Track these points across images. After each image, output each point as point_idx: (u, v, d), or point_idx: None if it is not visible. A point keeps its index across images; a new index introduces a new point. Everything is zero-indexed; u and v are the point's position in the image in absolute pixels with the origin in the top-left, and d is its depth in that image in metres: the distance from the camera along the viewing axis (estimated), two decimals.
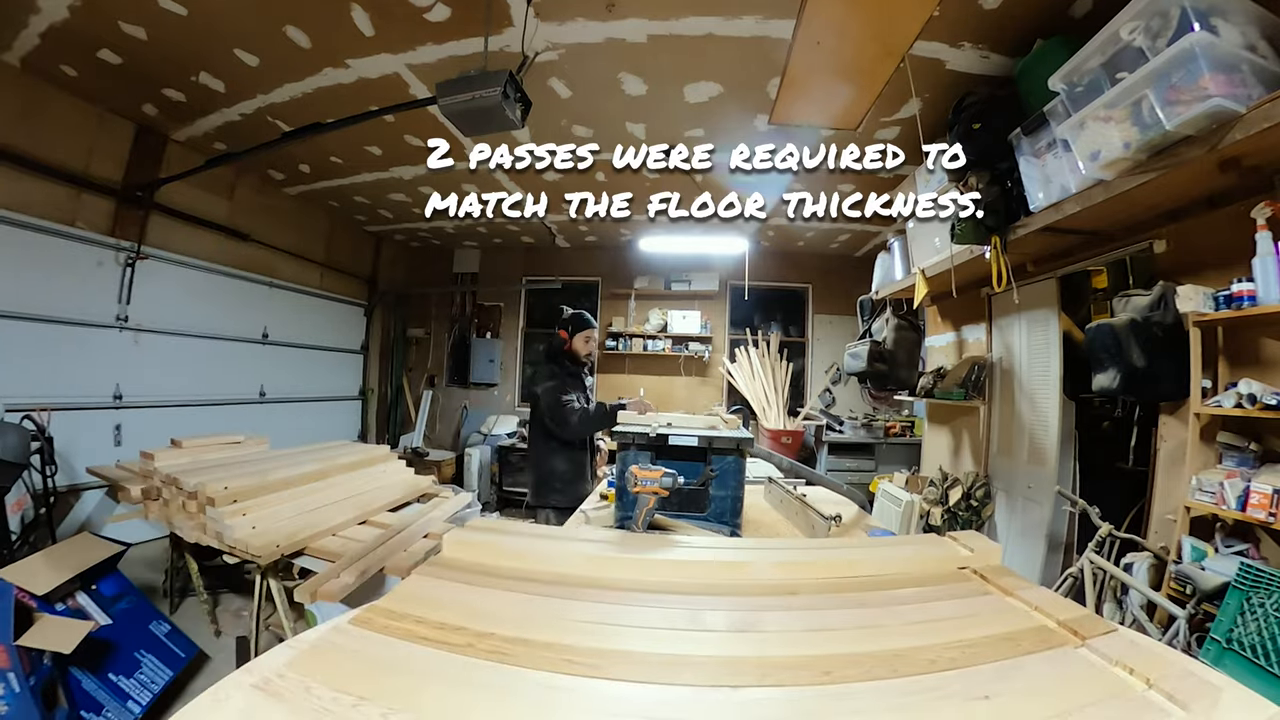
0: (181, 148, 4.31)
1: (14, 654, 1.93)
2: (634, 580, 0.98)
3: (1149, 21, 1.86)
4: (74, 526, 3.62)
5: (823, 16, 2.00)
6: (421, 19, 2.79)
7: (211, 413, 4.75)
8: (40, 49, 3.14)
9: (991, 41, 2.75)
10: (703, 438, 1.81)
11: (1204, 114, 1.73)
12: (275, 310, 5.54)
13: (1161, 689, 0.67)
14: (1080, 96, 2.17)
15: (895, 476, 4.74)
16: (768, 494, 2.50)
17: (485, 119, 2.50)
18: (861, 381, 4.84)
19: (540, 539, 1.10)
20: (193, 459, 2.98)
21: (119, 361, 4.10)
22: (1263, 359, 2.10)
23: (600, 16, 2.75)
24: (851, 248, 6.55)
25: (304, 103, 3.60)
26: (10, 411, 3.18)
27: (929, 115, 3.27)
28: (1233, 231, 2.09)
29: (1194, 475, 2.14)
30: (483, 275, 7.47)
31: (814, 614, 0.91)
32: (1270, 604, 1.67)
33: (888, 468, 5.64)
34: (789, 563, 1.09)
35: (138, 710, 2.25)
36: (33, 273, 3.54)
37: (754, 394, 6.41)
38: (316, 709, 0.62)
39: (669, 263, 6.93)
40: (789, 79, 2.38)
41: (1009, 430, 3.70)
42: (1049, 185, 2.55)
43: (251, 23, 2.89)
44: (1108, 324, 2.43)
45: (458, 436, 7.13)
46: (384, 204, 5.78)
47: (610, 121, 3.80)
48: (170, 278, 4.45)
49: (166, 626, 2.66)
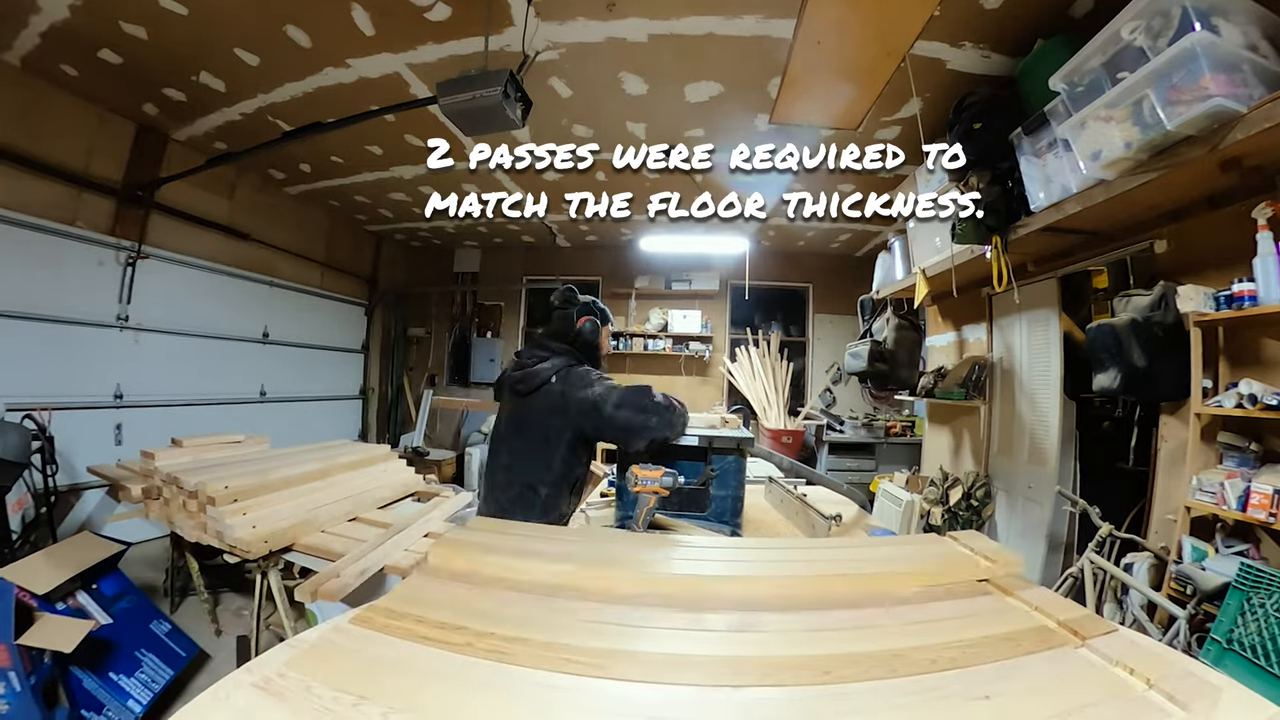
0: (182, 147, 4.31)
1: (15, 653, 1.93)
2: (636, 594, 0.96)
3: (1150, 21, 1.86)
4: (74, 526, 3.63)
5: (823, 16, 2.00)
6: (422, 18, 2.79)
7: (212, 412, 4.75)
8: (41, 48, 3.14)
9: (992, 41, 2.75)
10: (703, 437, 1.81)
11: (1205, 114, 1.73)
12: (276, 309, 5.55)
13: (1162, 689, 0.66)
14: (1081, 96, 2.17)
15: (896, 476, 4.75)
16: (768, 494, 2.50)
17: (486, 118, 2.50)
18: (862, 381, 4.84)
19: (525, 556, 1.06)
20: (193, 458, 2.97)
21: (119, 361, 4.10)
22: (1263, 359, 2.10)
23: (601, 16, 2.75)
24: (852, 247, 6.55)
25: (304, 102, 3.60)
26: (11, 411, 3.18)
27: (930, 115, 3.27)
28: (1233, 231, 2.09)
29: (1194, 475, 2.14)
30: (483, 275, 7.48)
31: (813, 615, 0.90)
32: (1271, 604, 1.67)
33: (888, 467, 5.64)
34: (791, 576, 1.06)
35: (138, 709, 2.25)
36: (33, 272, 3.54)
37: (754, 394, 6.42)
38: (317, 708, 0.62)
39: (669, 262, 6.93)
40: (789, 78, 2.38)
41: (1009, 430, 3.70)
42: (1050, 185, 2.54)
43: (252, 22, 2.89)
44: (1108, 324, 2.43)
45: (458, 436, 7.13)
46: (384, 203, 5.78)
47: (611, 121, 3.80)
48: (171, 277, 4.45)
49: (167, 625, 2.66)
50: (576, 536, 1.51)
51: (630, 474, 1.60)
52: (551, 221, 6.13)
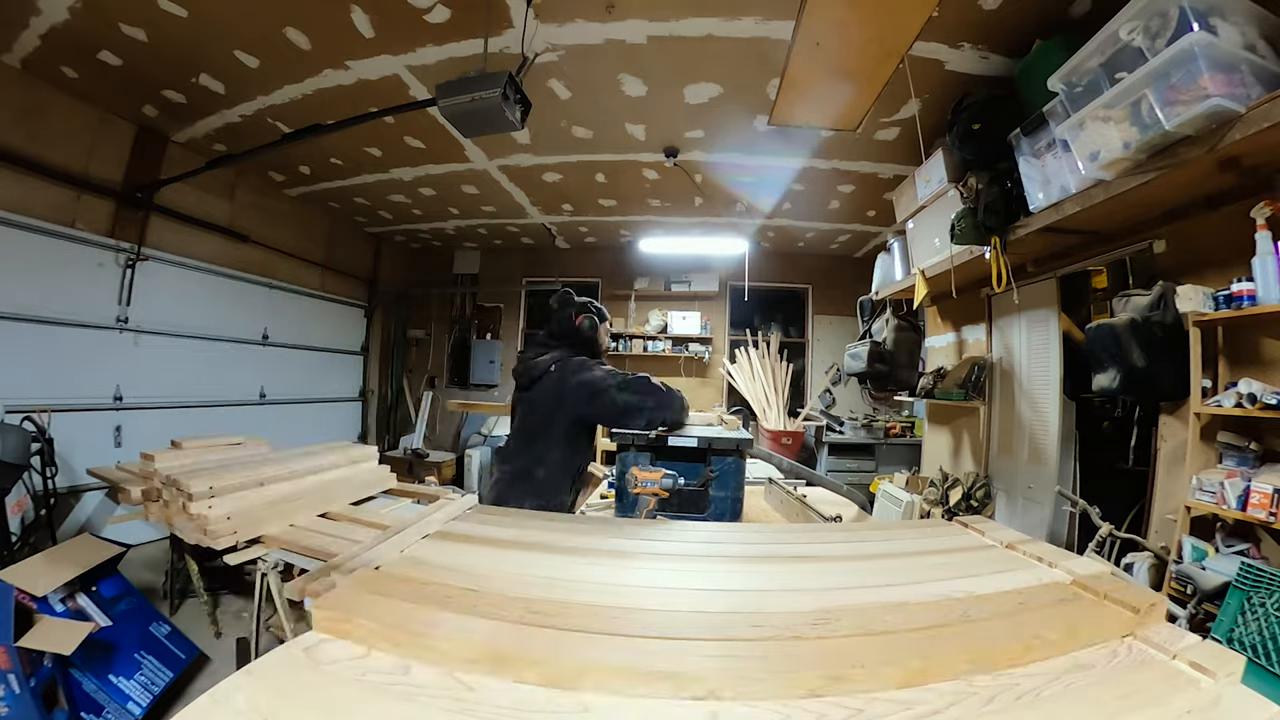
0: (182, 149, 4.31)
1: (14, 655, 1.93)
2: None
3: (1148, 21, 1.86)
4: (74, 528, 3.62)
5: (822, 17, 2.00)
6: (421, 20, 2.80)
7: (212, 414, 4.75)
8: (41, 50, 3.15)
9: (991, 42, 2.75)
10: (702, 438, 1.81)
11: (1203, 114, 1.74)
12: (275, 311, 5.55)
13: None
14: (1079, 97, 2.17)
15: (895, 477, 4.74)
16: (768, 495, 2.50)
17: (485, 120, 2.50)
18: (862, 382, 4.84)
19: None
20: (193, 460, 2.97)
21: (119, 363, 4.10)
22: (1263, 359, 2.10)
23: (600, 18, 2.76)
24: (851, 248, 6.55)
25: (304, 104, 3.60)
26: (10, 413, 3.18)
27: (928, 116, 3.28)
28: (1232, 231, 2.10)
29: (1194, 475, 2.14)
30: (483, 276, 7.48)
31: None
32: (1271, 603, 1.67)
33: (888, 468, 5.65)
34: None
35: (138, 711, 2.25)
36: (33, 274, 3.54)
37: (754, 395, 6.41)
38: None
39: (669, 264, 6.94)
40: (789, 80, 2.38)
41: (1009, 430, 3.70)
42: (1049, 185, 2.55)
43: (251, 24, 2.89)
44: (1108, 324, 2.43)
45: (458, 438, 7.13)
46: (384, 205, 5.79)
47: (610, 122, 3.81)
48: (170, 279, 4.45)
49: (167, 628, 2.66)
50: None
51: (630, 475, 1.60)
52: (551, 223, 6.13)
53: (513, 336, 7.36)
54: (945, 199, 3.32)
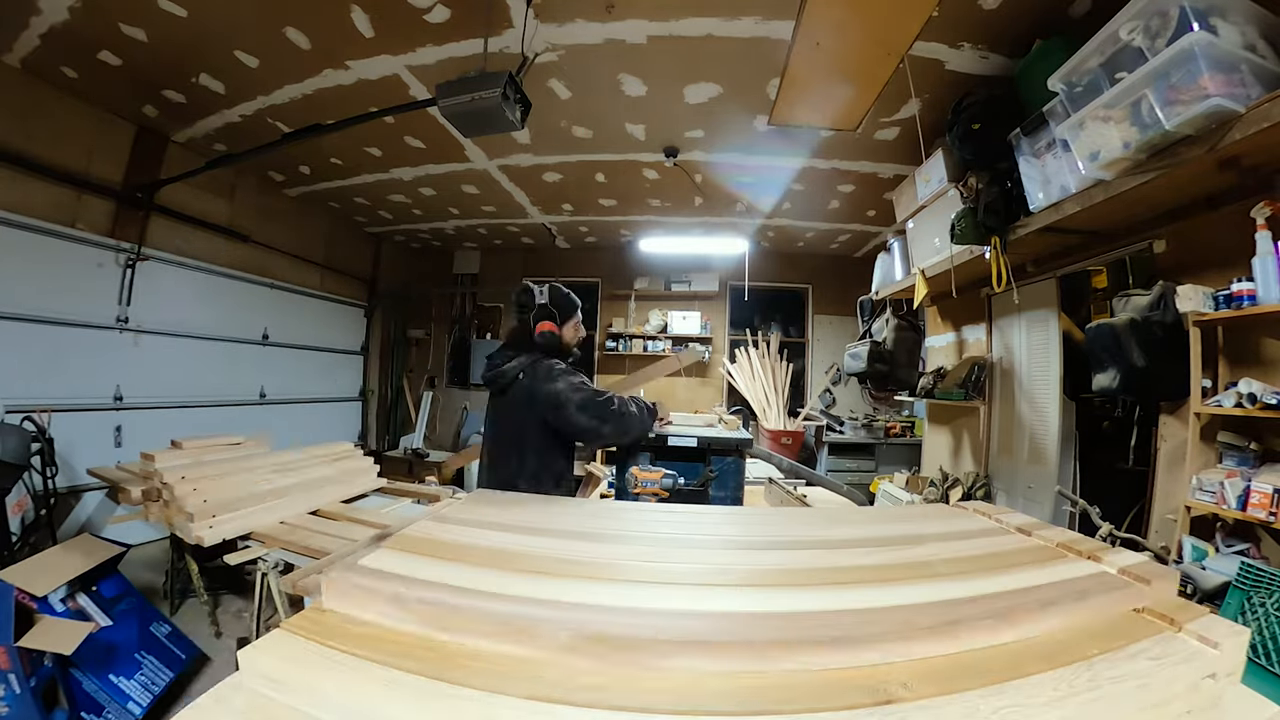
0: (182, 149, 4.31)
1: (14, 655, 1.93)
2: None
3: (1148, 21, 1.86)
4: (74, 528, 3.63)
5: (822, 17, 2.00)
6: (421, 20, 2.80)
7: (212, 414, 4.75)
8: (40, 50, 3.15)
9: (991, 42, 2.75)
10: (702, 438, 1.81)
11: (1203, 114, 1.73)
12: (275, 311, 5.55)
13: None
14: (1079, 96, 2.17)
15: (896, 477, 4.75)
16: (768, 495, 2.50)
17: (485, 120, 2.50)
18: (861, 382, 4.84)
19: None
20: (193, 460, 2.98)
21: (119, 363, 4.10)
22: (1263, 358, 2.10)
23: (600, 17, 2.76)
24: (851, 248, 6.55)
25: (304, 104, 3.60)
26: (11, 413, 3.18)
27: (928, 115, 3.28)
28: (1232, 231, 2.10)
29: (1194, 475, 2.14)
30: (483, 276, 7.48)
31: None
32: (1271, 603, 1.67)
33: (888, 468, 5.65)
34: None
35: (138, 711, 2.24)
36: (33, 274, 3.54)
37: (754, 394, 6.42)
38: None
39: (669, 263, 6.94)
40: (789, 79, 2.38)
41: (1009, 430, 3.70)
42: (1049, 185, 2.55)
43: (251, 24, 2.89)
44: (1108, 324, 2.43)
45: (458, 437, 7.12)
46: (384, 205, 5.79)
47: (610, 122, 3.80)
48: (170, 279, 4.45)
49: (167, 628, 2.66)
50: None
51: (630, 475, 1.61)
52: (551, 223, 6.13)
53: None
54: (945, 199, 3.32)
